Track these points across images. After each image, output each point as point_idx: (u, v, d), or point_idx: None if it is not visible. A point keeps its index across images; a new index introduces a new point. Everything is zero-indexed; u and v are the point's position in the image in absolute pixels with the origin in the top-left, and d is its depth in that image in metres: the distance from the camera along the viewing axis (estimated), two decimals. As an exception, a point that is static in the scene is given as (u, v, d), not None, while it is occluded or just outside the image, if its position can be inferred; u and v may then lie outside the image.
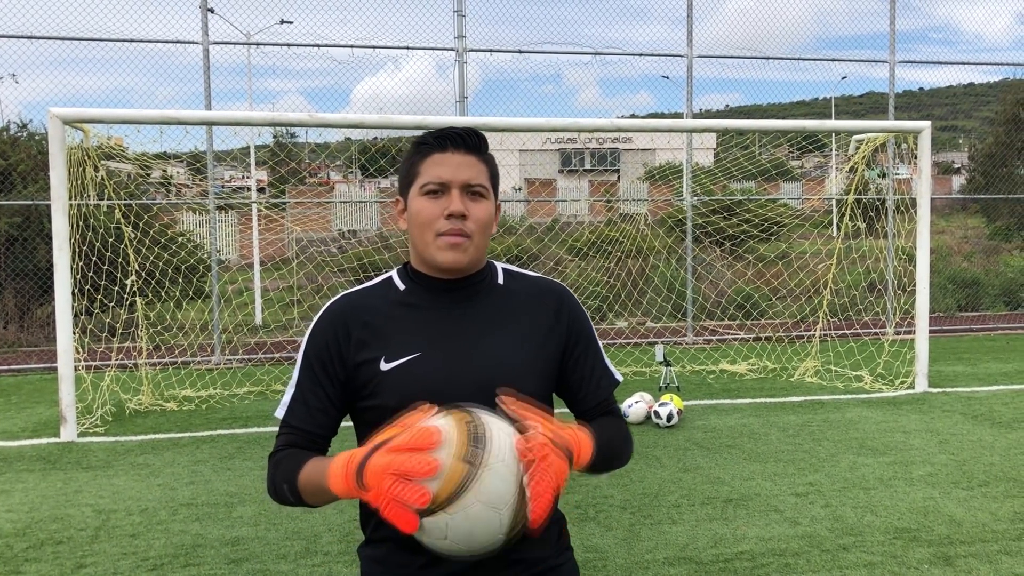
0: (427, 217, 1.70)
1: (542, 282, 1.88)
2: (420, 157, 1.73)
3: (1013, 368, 10.11)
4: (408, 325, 1.73)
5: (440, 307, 1.75)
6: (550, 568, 1.81)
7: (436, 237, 1.70)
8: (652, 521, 4.96)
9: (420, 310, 1.75)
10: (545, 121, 9.01)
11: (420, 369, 1.69)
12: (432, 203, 1.70)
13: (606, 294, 13.10)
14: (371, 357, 1.70)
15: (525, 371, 1.75)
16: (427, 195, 1.71)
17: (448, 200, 1.69)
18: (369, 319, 1.74)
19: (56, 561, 4.52)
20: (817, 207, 18.77)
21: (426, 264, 1.76)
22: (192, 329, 11.09)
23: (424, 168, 1.72)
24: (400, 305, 1.76)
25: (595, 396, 1.87)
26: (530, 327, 1.79)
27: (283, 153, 16.34)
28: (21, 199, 12.38)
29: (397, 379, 1.68)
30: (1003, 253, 18.55)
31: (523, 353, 1.76)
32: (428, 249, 1.72)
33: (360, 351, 1.71)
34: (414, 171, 1.74)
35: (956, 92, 40.05)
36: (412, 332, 1.72)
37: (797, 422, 7.50)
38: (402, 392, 1.66)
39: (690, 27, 12.57)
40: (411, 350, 1.70)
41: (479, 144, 1.74)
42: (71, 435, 7.37)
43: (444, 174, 1.70)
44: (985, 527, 4.78)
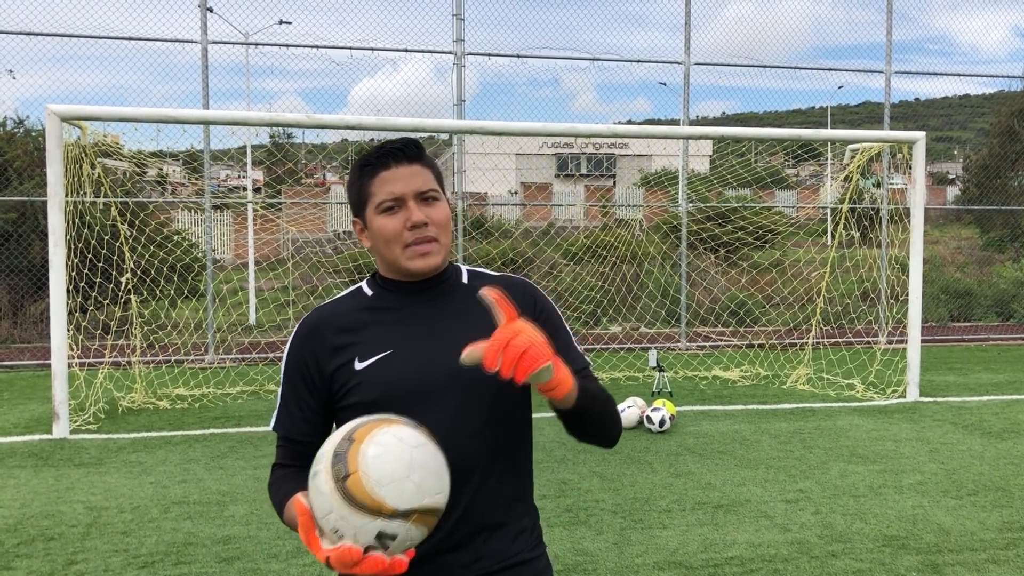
0: (391, 233, 1.76)
1: (506, 279, 1.94)
2: (368, 178, 1.79)
3: (1004, 379, 10.16)
4: (379, 326, 1.79)
5: (409, 307, 1.81)
6: (523, 561, 1.83)
7: (404, 249, 1.77)
8: (643, 526, 4.98)
9: (390, 312, 1.81)
10: (542, 126, 9.03)
11: (394, 364, 1.75)
12: (392, 219, 1.76)
13: (600, 299, 13.13)
14: (346, 360, 1.77)
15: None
16: (385, 212, 1.77)
17: (407, 212, 1.76)
18: (342, 325, 1.80)
19: (47, 557, 4.53)
20: (812, 215, 18.86)
21: (397, 272, 1.83)
22: (186, 328, 11.09)
23: (375, 188, 1.77)
24: (370, 310, 1.82)
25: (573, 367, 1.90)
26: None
27: (280, 153, 16.35)
28: (17, 195, 12.37)
29: (372, 375, 1.74)
30: (996, 264, 18.62)
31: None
32: (399, 261, 1.78)
33: (335, 357, 1.78)
34: (365, 192, 1.79)
35: (951, 103, 40.27)
36: (383, 332, 1.78)
37: (789, 429, 7.53)
38: (380, 386, 1.73)
39: (688, 34, 12.61)
40: (383, 348, 1.76)
41: (419, 152, 1.81)
42: (64, 432, 7.37)
43: (396, 189, 1.76)
44: (973, 536, 4.81)
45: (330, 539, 1.49)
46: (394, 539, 1.48)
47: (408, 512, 1.47)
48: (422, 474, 1.50)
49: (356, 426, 1.54)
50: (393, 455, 1.49)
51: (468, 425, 1.75)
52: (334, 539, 1.48)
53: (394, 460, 1.49)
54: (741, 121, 55.20)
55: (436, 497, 1.51)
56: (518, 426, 1.87)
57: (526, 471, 1.89)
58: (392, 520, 1.47)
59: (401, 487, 1.47)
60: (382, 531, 1.47)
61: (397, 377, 1.74)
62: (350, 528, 1.47)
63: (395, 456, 1.49)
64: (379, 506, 1.46)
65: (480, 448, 1.75)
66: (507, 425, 1.83)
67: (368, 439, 1.51)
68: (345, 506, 1.46)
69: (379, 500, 1.46)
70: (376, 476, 1.47)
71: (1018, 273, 16.33)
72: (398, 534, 1.48)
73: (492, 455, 1.79)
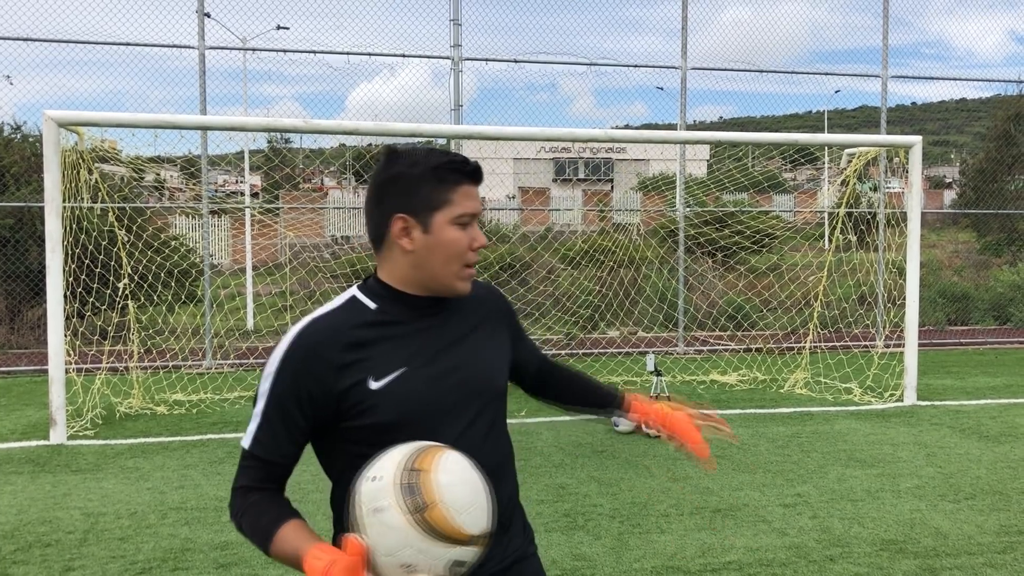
0: (460, 248, 1.75)
1: (482, 284, 2.00)
2: (450, 185, 1.74)
3: (1001, 382, 10.17)
4: (389, 343, 1.73)
5: (416, 321, 1.78)
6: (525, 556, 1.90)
7: (462, 268, 1.77)
8: (641, 530, 4.98)
9: (398, 326, 1.75)
10: (540, 130, 9.05)
11: (411, 383, 1.71)
12: (463, 234, 1.75)
13: (598, 303, 13.13)
14: (358, 379, 1.68)
15: (499, 368, 1.90)
16: (458, 226, 1.74)
17: (472, 232, 1.77)
18: (349, 342, 1.70)
19: (44, 564, 4.52)
20: (809, 220, 18.86)
21: (424, 287, 1.77)
22: (184, 333, 11.08)
23: (457, 198, 1.74)
24: (378, 324, 1.74)
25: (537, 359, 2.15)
26: (489, 328, 1.91)
27: (277, 158, 16.32)
28: (14, 201, 12.36)
29: (390, 396, 1.68)
30: (993, 268, 18.65)
31: (493, 351, 1.90)
32: (449, 278, 1.76)
33: (344, 376, 1.68)
34: (443, 198, 1.73)
35: (948, 107, 40.34)
36: (395, 348, 1.73)
37: (786, 433, 7.53)
38: (398, 408, 1.68)
39: (684, 39, 12.64)
40: (396, 366, 1.71)
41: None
42: (61, 438, 7.36)
43: (473, 207, 1.76)
44: (971, 540, 4.81)
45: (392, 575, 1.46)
46: (463, 566, 1.49)
47: (480, 537, 1.49)
48: (484, 497, 1.53)
49: (412, 455, 1.52)
50: (464, 480, 1.51)
51: (479, 435, 1.77)
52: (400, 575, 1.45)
53: (465, 485, 1.50)
54: (738, 125, 55.26)
55: (491, 520, 1.53)
56: (506, 429, 1.93)
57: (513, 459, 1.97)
58: (468, 547, 1.48)
59: (476, 512, 1.49)
60: (457, 559, 1.47)
61: (415, 396, 1.70)
62: (427, 561, 1.45)
63: (465, 481, 1.51)
64: (459, 534, 1.46)
65: (490, 456, 1.76)
66: (504, 429, 1.89)
67: (435, 467, 1.49)
68: (425, 539, 1.44)
69: (459, 528, 1.46)
70: (455, 504, 1.46)
71: (1015, 277, 16.36)
72: (467, 560, 1.49)
73: (498, 461, 1.81)
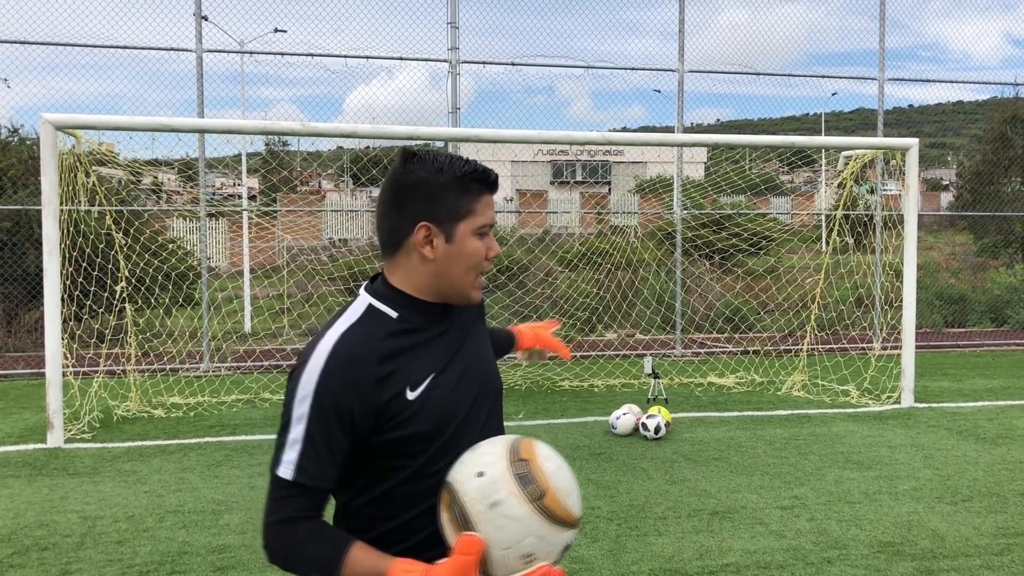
0: (479, 258, 1.77)
1: None
2: (475, 194, 1.74)
3: (998, 384, 10.18)
4: (416, 351, 1.74)
5: (431, 327, 1.80)
6: None
7: (478, 277, 1.80)
8: (638, 533, 4.98)
9: (419, 334, 1.76)
10: (537, 133, 9.05)
11: (441, 390, 1.74)
12: (482, 244, 1.77)
13: (596, 306, 13.13)
14: (397, 391, 1.67)
15: (495, 364, 1.98)
16: (478, 236, 1.76)
17: (489, 242, 1.79)
18: (383, 354, 1.68)
19: (41, 567, 4.51)
20: (806, 222, 18.88)
21: (439, 294, 1.79)
22: (181, 336, 11.07)
23: (480, 207, 1.75)
24: (403, 333, 1.74)
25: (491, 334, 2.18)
26: (479, 326, 1.98)
27: (275, 161, 16.35)
28: (11, 204, 12.35)
29: (426, 403, 1.70)
30: (990, 270, 18.67)
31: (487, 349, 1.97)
32: (466, 287, 1.79)
33: (383, 389, 1.65)
34: (467, 207, 1.73)
35: (945, 110, 40.38)
36: (421, 356, 1.74)
37: (784, 435, 7.53)
38: (435, 413, 1.71)
39: (682, 42, 12.66)
40: (427, 372, 1.73)
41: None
42: (58, 441, 7.34)
43: (492, 217, 1.79)
44: (968, 542, 4.82)
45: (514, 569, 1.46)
46: (567, 550, 1.55)
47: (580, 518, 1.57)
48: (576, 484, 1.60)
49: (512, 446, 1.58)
50: (562, 466, 1.59)
51: (491, 432, 1.81)
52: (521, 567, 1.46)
53: (565, 470, 1.58)
54: (736, 128, 55.37)
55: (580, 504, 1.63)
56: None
57: None
58: (574, 529, 1.55)
59: (576, 495, 1.57)
60: (568, 543, 1.53)
61: (444, 402, 1.73)
62: (546, 547, 1.48)
63: (563, 467, 1.59)
64: (570, 517, 1.52)
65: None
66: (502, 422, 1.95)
67: (537, 455, 1.56)
68: (547, 525, 1.48)
69: (570, 511, 1.52)
70: (563, 488, 1.53)
71: (1012, 279, 16.38)
72: (571, 543, 1.56)
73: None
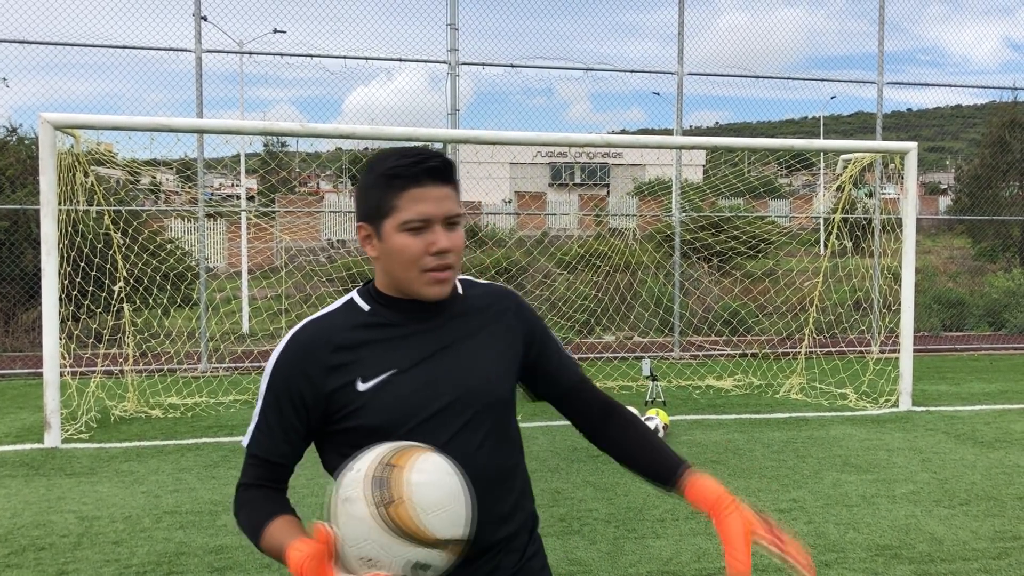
0: (412, 255, 1.66)
1: (494, 288, 1.91)
2: (396, 190, 1.65)
3: (996, 388, 10.19)
4: (380, 345, 1.71)
5: (409, 324, 1.74)
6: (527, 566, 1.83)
7: (422, 273, 1.68)
8: (636, 535, 4.98)
9: (390, 329, 1.72)
10: (536, 135, 9.05)
11: (400, 386, 1.68)
12: (415, 239, 1.66)
13: (594, 308, 13.13)
14: (346, 380, 1.67)
15: (495, 375, 1.79)
16: (409, 232, 1.66)
17: (432, 235, 1.66)
18: (339, 343, 1.69)
19: (38, 567, 4.50)
20: (804, 225, 18.91)
21: (402, 292, 1.74)
22: (179, 336, 11.07)
23: (403, 203, 1.65)
24: (369, 326, 1.72)
25: (572, 375, 1.96)
26: (493, 332, 1.82)
27: (274, 162, 16.34)
28: (9, 203, 12.34)
29: (377, 398, 1.67)
30: (988, 274, 18.69)
31: (492, 358, 1.80)
32: (413, 284, 1.70)
33: (332, 376, 1.67)
34: (389, 204, 1.66)
35: (943, 113, 40.44)
36: (385, 351, 1.70)
37: (782, 438, 7.54)
38: (386, 409, 1.66)
39: (681, 45, 12.67)
40: (386, 368, 1.68)
41: (453, 173, 1.71)
42: (55, 441, 7.33)
43: (427, 210, 1.65)
44: (966, 545, 4.82)
45: (354, 569, 1.45)
46: (427, 569, 1.47)
47: (447, 541, 1.47)
48: (461, 503, 1.50)
49: (392, 451, 1.51)
50: (437, 483, 1.48)
51: (471, 444, 1.71)
52: (359, 568, 1.45)
53: (438, 488, 1.48)
54: (734, 131, 55.39)
55: (467, 528, 1.50)
56: (515, 438, 1.85)
57: (525, 479, 1.88)
58: (432, 549, 1.46)
59: (445, 516, 1.47)
60: (420, 560, 1.46)
61: (401, 399, 1.67)
62: (387, 556, 1.44)
63: (439, 484, 1.48)
64: (422, 534, 1.44)
65: (485, 466, 1.71)
66: (506, 439, 1.81)
67: (411, 466, 1.48)
68: (386, 534, 1.44)
69: (423, 528, 1.44)
70: (423, 503, 1.45)
71: (1009, 283, 16.40)
72: (432, 564, 1.47)
73: (495, 472, 1.75)
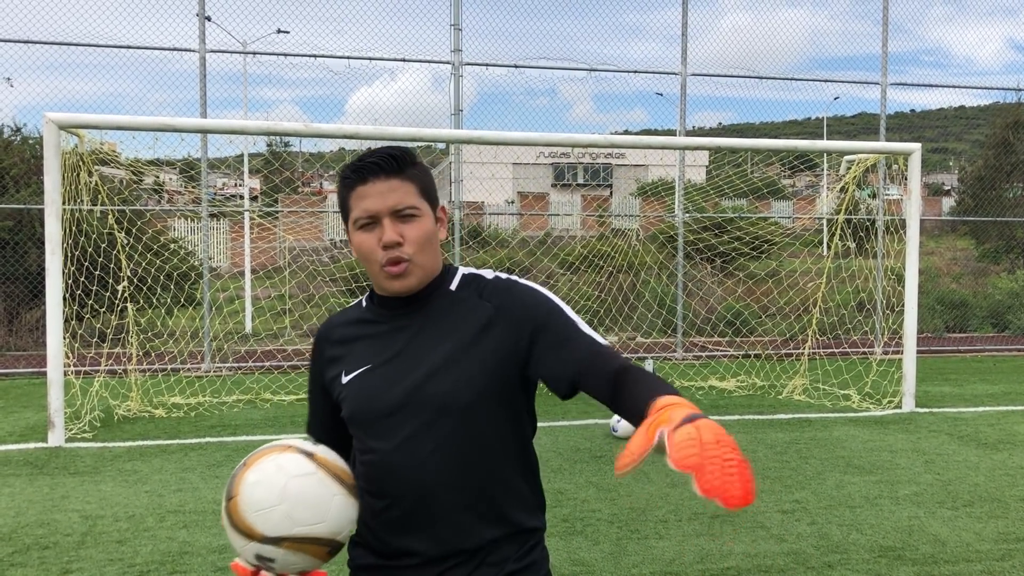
0: (367, 250, 1.73)
1: (496, 282, 1.80)
2: (346, 192, 1.75)
3: (999, 390, 10.17)
4: (365, 340, 1.80)
5: (392, 320, 1.79)
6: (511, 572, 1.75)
7: (380, 269, 1.73)
8: (639, 536, 4.98)
9: (375, 325, 1.81)
10: (539, 136, 9.05)
11: (367, 380, 1.76)
12: (368, 235, 1.72)
13: (597, 308, 13.13)
14: (337, 372, 1.82)
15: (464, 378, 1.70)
16: (361, 229, 1.73)
17: (381, 230, 1.70)
18: (338, 338, 1.85)
19: (42, 566, 4.51)
20: (808, 226, 18.90)
21: (380, 289, 1.81)
22: (182, 336, 11.08)
23: (352, 203, 1.73)
24: (361, 322, 1.84)
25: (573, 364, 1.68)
26: (479, 330, 1.73)
27: (277, 162, 16.36)
28: (14, 203, 12.37)
29: (350, 391, 1.78)
30: (991, 275, 18.65)
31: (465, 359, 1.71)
32: (377, 280, 1.76)
33: (330, 368, 1.84)
34: (347, 206, 1.76)
35: (947, 115, 40.38)
36: (368, 346, 1.79)
37: (785, 439, 7.53)
38: (355, 401, 1.76)
39: (684, 45, 12.67)
40: (364, 363, 1.78)
41: (397, 165, 1.71)
42: (59, 440, 7.35)
43: (371, 206, 1.70)
44: (969, 547, 4.81)
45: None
46: (273, 561, 1.58)
47: (278, 539, 1.55)
48: (293, 504, 1.56)
49: (256, 450, 1.65)
50: (268, 483, 1.57)
51: (422, 448, 1.68)
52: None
53: (267, 488, 1.56)
54: (737, 132, 55.33)
55: (312, 527, 1.57)
56: (490, 445, 1.73)
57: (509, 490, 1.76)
58: (265, 545, 1.56)
59: (269, 515, 1.55)
60: (260, 554, 1.57)
61: (368, 393, 1.75)
62: (238, 547, 1.59)
63: (269, 484, 1.57)
64: (250, 530, 1.55)
65: (433, 473, 1.68)
66: (471, 446, 1.70)
67: (255, 465, 1.60)
68: (229, 527, 1.58)
69: (249, 525, 1.55)
70: (247, 502, 1.56)
71: (1013, 284, 16.37)
72: (275, 558, 1.57)
73: (443, 480, 1.68)
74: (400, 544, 1.73)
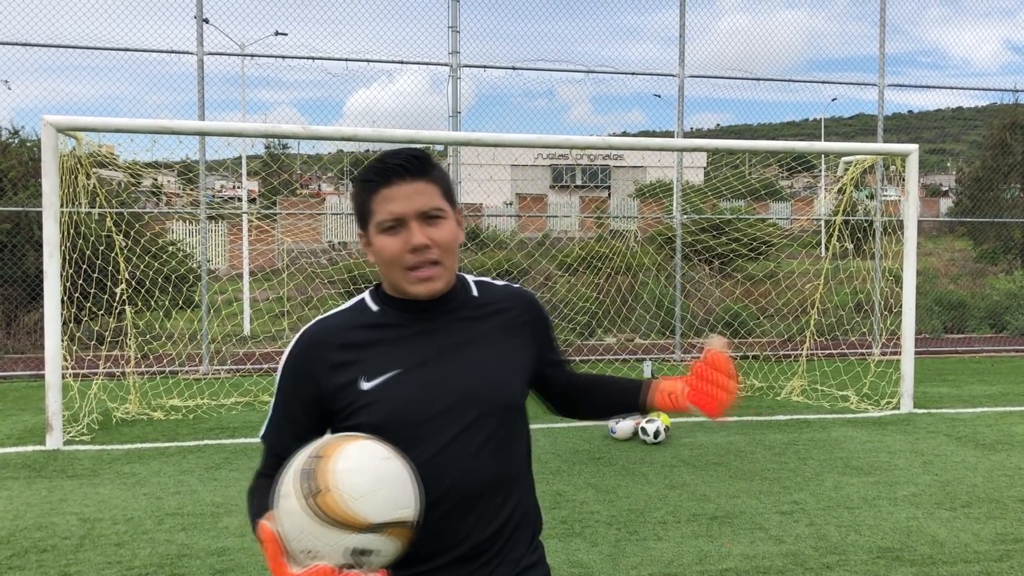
0: (392, 254, 1.69)
1: (511, 290, 1.92)
2: (368, 194, 1.70)
3: (997, 390, 10.18)
4: (386, 345, 1.73)
5: (416, 325, 1.75)
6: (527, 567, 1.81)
7: (405, 272, 1.70)
8: (638, 537, 4.98)
9: (396, 329, 1.74)
10: (537, 137, 9.05)
11: (402, 385, 1.69)
12: (393, 239, 1.69)
13: (595, 310, 13.14)
14: (350, 379, 1.70)
15: (502, 380, 1.79)
16: (385, 232, 1.69)
17: (408, 233, 1.68)
18: (345, 342, 1.73)
19: (40, 569, 4.51)
20: (806, 227, 18.91)
21: (400, 293, 1.76)
22: (180, 338, 11.07)
23: (376, 205, 1.69)
24: (376, 327, 1.75)
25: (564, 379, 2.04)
26: (507, 337, 1.82)
27: (275, 164, 16.32)
28: (11, 205, 12.35)
29: (379, 397, 1.68)
30: (989, 276, 18.68)
31: (500, 362, 1.80)
32: (400, 284, 1.72)
33: (337, 375, 1.70)
34: (367, 208, 1.71)
35: (944, 116, 40.46)
36: (390, 351, 1.72)
37: (783, 440, 7.54)
38: (385, 410, 1.67)
39: (682, 47, 12.68)
40: (391, 367, 1.70)
41: (423, 167, 1.70)
42: (57, 443, 7.34)
43: (397, 208, 1.67)
44: (967, 548, 4.82)
45: (300, 562, 1.47)
46: (370, 554, 1.49)
47: (383, 525, 1.48)
48: (392, 486, 1.51)
49: (321, 444, 1.55)
50: (364, 468, 1.50)
51: (471, 446, 1.71)
52: (306, 561, 1.47)
53: (365, 472, 1.49)
54: (735, 133, 55.49)
55: (406, 510, 1.51)
56: (521, 446, 1.84)
57: (527, 489, 1.86)
58: (368, 534, 1.47)
59: (374, 499, 1.48)
60: (358, 546, 1.47)
61: (404, 399, 1.68)
62: (324, 547, 1.46)
63: (365, 468, 1.50)
64: (354, 520, 1.46)
65: (483, 469, 1.72)
66: (509, 446, 1.79)
67: (336, 454, 1.50)
68: (318, 524, 1.46)
69: (353, 514, 1.46)
70: (349, 490, 1.47)
71: (1011, 285, 16.39)
72: (374, 548, 1.48)
73: (494, 476, 1.74)
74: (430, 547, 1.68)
